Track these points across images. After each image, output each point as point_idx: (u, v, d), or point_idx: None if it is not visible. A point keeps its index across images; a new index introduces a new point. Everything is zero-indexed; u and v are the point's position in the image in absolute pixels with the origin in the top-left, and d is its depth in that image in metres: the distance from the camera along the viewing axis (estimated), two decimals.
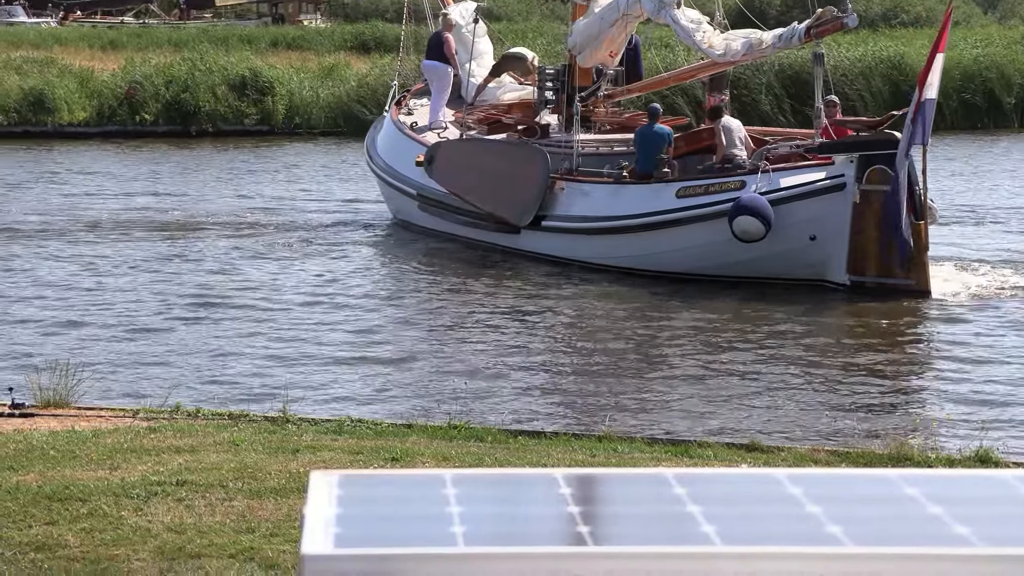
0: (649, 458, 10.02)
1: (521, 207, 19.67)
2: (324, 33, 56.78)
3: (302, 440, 10.27)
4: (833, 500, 3.44)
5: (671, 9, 19.72)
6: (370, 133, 25.13)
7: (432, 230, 21.82)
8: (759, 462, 9.93)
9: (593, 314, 16.81)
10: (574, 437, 10.77)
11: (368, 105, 39.58)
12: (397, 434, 10.71)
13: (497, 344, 15.18)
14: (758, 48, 18.98)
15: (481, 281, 18.57)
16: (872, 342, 15.45)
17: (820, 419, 12.14)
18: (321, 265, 19.79)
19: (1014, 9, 71.38)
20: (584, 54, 21.62)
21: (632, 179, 19.00)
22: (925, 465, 9.62)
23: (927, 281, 16.88)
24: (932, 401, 12.50)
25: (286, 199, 26.65)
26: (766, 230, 17.02)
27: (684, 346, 15.02)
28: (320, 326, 15.97)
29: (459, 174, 20.70)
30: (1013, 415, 12.23)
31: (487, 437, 10.62)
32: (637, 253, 18.55)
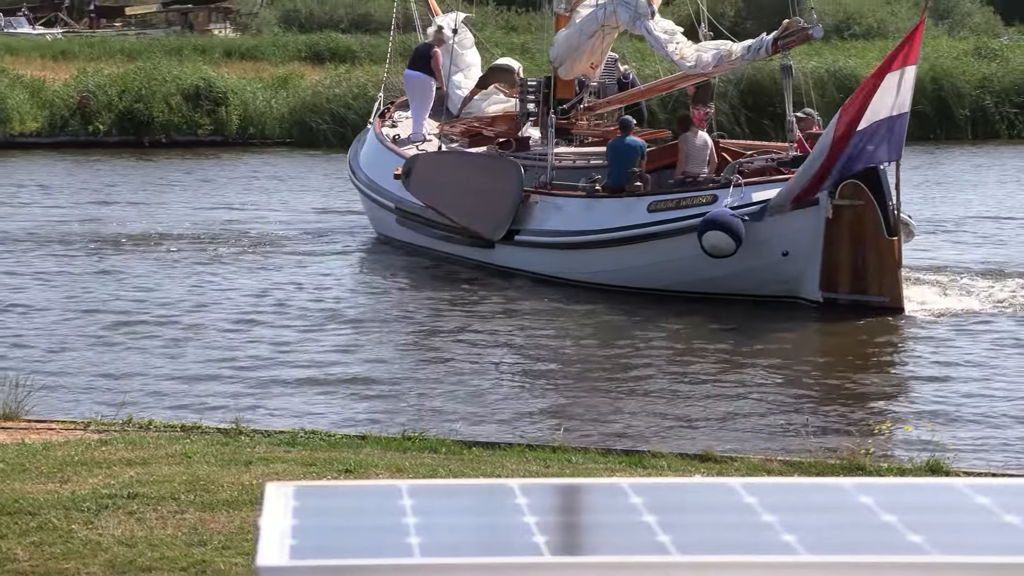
0: (603, 468, 10.03)
1: (494, 221, 19.51)
2: (278, 43, 56.62)
3: (255, 452, 10.21)
4: (788, 509, 3.45)
5: (645, 20, 19.78)
6: (353, 146, 24.98)
7: (410, 244, 21.62)
8: (713, 472, 9.96)
9: (555, 328, 16.67)
10: (528, 448, 10.77)
11: (323, 115, 39.53)
12: (351, 446, 10.68)
13: (454, 357, 15.15)
14: (727, 60, 18.95)
15: (445, 295, 18.46)
16: (833, 356, 15.51)
17: (774, 430, 12.19)
18: (278, 277, 19.69)
19: (963, 21, 72.10)
20: (565, 66, 21.59)
21: (604, 193, 18.83)
22: (877, 474, 9.67)
23: (900, 297, 16.73)
24: (887, 413, 12.57)
25: (242, 210, 26.55)
26: (736, 245, 16.77)
27: (645, 359, 15.00)
28: (274, 338, 15.89)
29: (435, 187, 20.53)
30: (965, 427, 12.32)
31: (441, 448, 10.60)
32: (608, 268, 18.34)
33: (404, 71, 24.27)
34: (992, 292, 17.94)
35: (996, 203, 27.29)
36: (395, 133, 23.48)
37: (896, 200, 16.76)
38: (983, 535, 3.33)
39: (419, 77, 23.41)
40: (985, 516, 3.40)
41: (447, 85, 23.58)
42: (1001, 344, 15.32)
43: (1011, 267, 19.95)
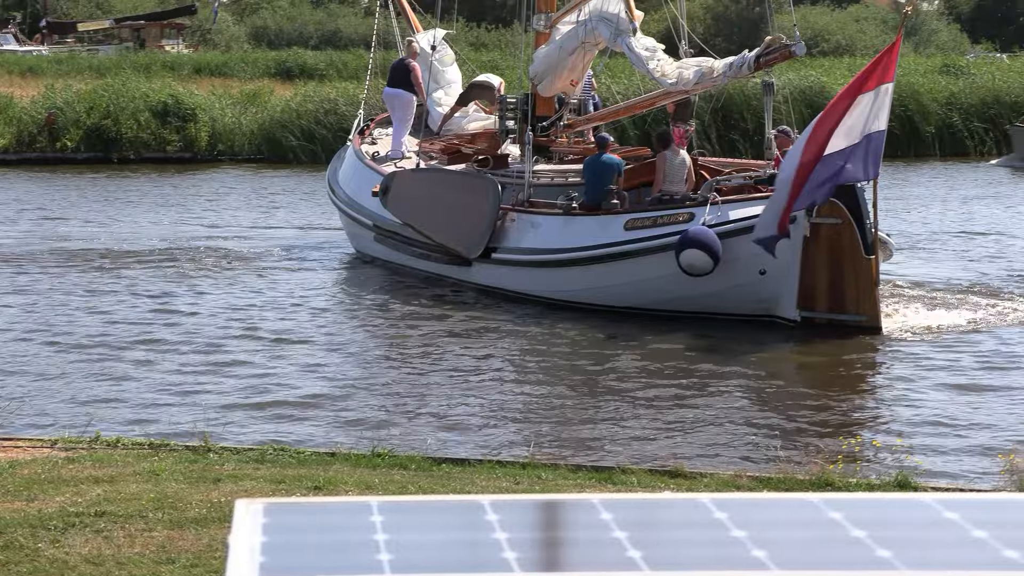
0: (573, 484, 10.02)
1: (471, 239, 19.33)
2: (247, 59, 56.61)
3: (224, 469, 10.17)
4: (757, 524, 3.45)
5: (627, 37, 19.72)
6: (332, 163, 24.81)
7: (388, 262, 21.46)
8: (683, 487, 9.96)
9: (527, 345, 16.55)
10: (498, 464, 10.75)
11: (293, 131, 39.49)
12: (320, 462, 10.64)
13: (425, 373, 15.12)
14: (709, 77, 18.78)
15: (419, 312, 18.35)
16: (806, 374, 15.49)
17: (744, 446, 12.20)
18: (249, 294, 19.62)
19: (931, 38, 72.57)
20: (545, 83, 21.53)
21: (581, 210, 18.57)
22: (846, 490, 9.69)
23: (878, 317, 16.58)
24: (857, 430, 12.58)
25: (213, 227, 26.48)
26: (713, 264, 16.61)
27: (617, 376, 14.95)
28: (244, 355, 15.83)
29: (412, 205, 20.39)
30: (935, 443, 12.34)
31: (411, 465, 10.58)
32: (585, 286, 18.10)
33: (384, 89, 24.10)
34: (966, 309, 17.95)
35: (965, 219, 27.45)
36: (374, 150, 23.37)
37: (874, 219, 16.63)
38: (952, 550, 3.33)
39: (399, 94, 23.30)
40: (954, 531, 3.41)
41: (428, 102, 23.43)
42: (974, 362, 15.30)
43: (983, 283, 20.05)
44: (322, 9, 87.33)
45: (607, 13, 20.25)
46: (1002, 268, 21.47)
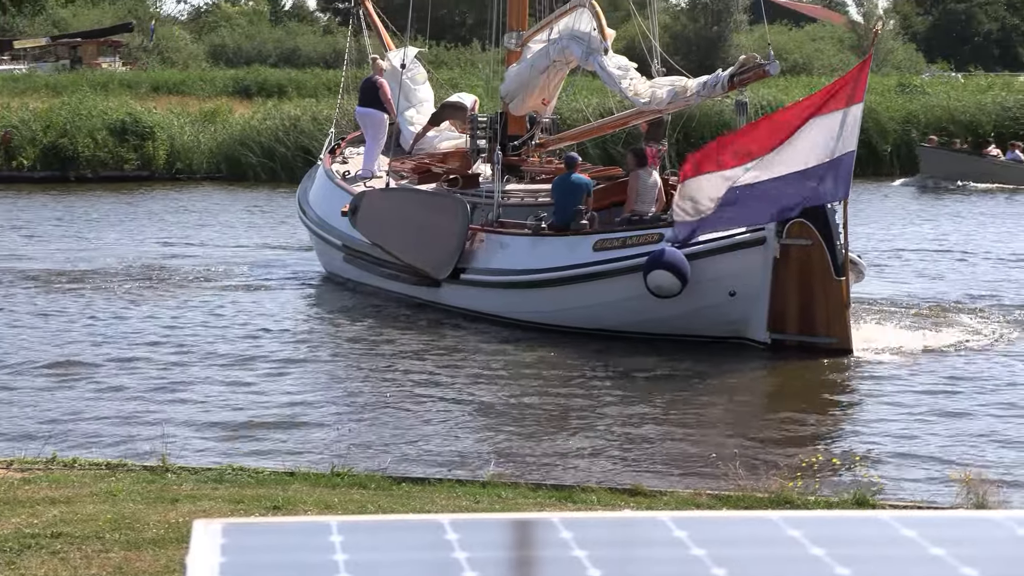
0: (533, 503, 10.02)
1: (439, 259, 19.11)
2: (206, 78, 56.50)
3: (182, 489, 10.11)
4: (717, 542, 3.46)
5: (598, 56, 19.56)
6: (303, 183, 24.57)
7: (357, 283, 21.26)
8: (642, 506, 9.97)
9: (491, 366, 16.44)
10: (458, 483, 10.74)
11: (252, 149, 39.42)
12: (279, 482, 10.60)
13: (386, 393, 15.07)
14: (683, 96, 18.63)
15: (382, 332, 18.21)
16: (770, 395, 15.46)
17: (704, 464, 12.21)
18: (207, 313, 19.53)
19: (887, 58, 73.12)
20: (516, 101, 21.40)
21: (550, 231, 18.41)
22: (805, 508, 9.72)
23: (849, 339, 16.44)
24: (817, 448, 12.60)
25: (172, 246, 26.38)
26: (682, 285, 16.43)
27: (580, 397, 14.91)
28: (202, 374, 15.76)
29: (381, 225, 20.15)
30: (894, 462, 12.39)
31: (371, 484, 10.54)
32: (553, 308, 17.90)
33: (355, 109, 23.94)
34: (934, 328, 17.91)
35: (925, 237, 27.64)
36: (345, 169, 23.13)
37: (844, 240, 16.46)
38: (910, 567, 3.35)
39: (370, 113, 23.10)
40: (912, 548, 3.43)
41: (400, 121, 23.28)
42: (938, 383, 15.24)
43: (949, 301, 20.08)
44: (280, 27, 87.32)
45: (578, 32, 20.15)
46: (965, 285, 21.58)
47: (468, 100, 23.72)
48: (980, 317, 18.87)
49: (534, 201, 20.10)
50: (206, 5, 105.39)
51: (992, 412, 14.04)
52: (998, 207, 33.38)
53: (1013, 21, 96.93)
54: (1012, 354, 16.78)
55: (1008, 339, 17.53)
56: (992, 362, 16.30)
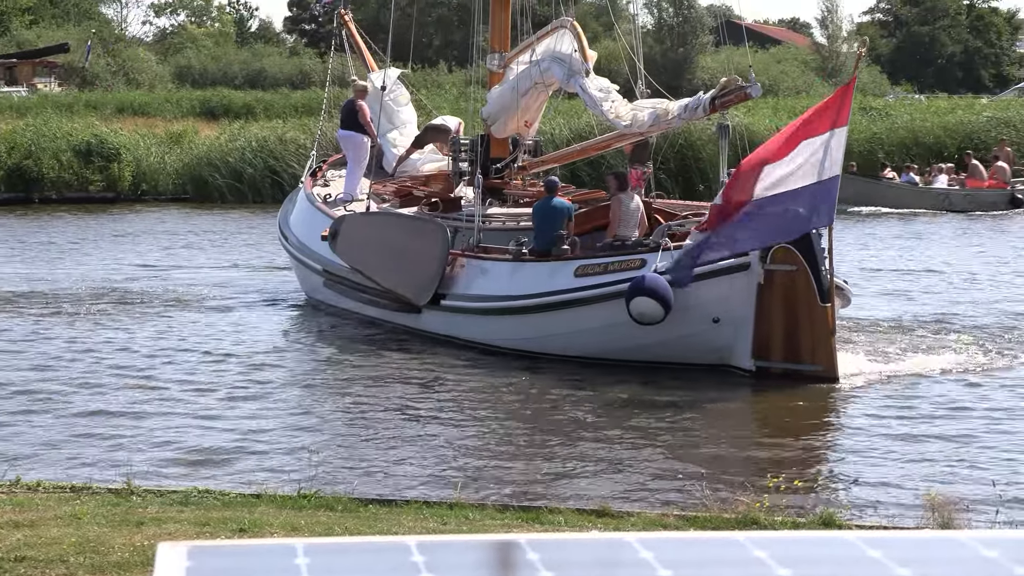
0: (500, 524, 10.00)
1: (420, 285, 18.76)
2: (171, 99, 56.44)
3: (147, 512, 10.05)
4: (683, 564, 3.46)
5: (580, 78, 19.35)
6: (284, 206, 24.21)
7: (338, 309, 20.90)
8: (609, 527, 9.97)
9: (460, 389, 16.25)
10: (425, 505, 10.72)
11: (220, 170, 39.36)
12: (245, 504, 10.55)
13: (354, 415, 15.00)
14: (664, 119, 18.36)
15: (355, 359, 17.96)
16: (736, 417, 15.30)
17: (671, 486, 12.21)
18: (173, 334, 19.44)
19: None
20: (499, 124, 21.17)
21: (531, 256, 18.03)
22: (771, 528, 9.74)
23: (834, 366, 16.08)
24: (786, 471, 12.55)
25: (138, 267, 26.27)
26: (665, 312, 16.11)
27: (547, 418, 14.84)
28: (167, 396, 15.67)
29: (362, 250, 19.72)
30: (861, 485, 12.40)
31: (337, 506, 10.51)
32: (535, 334, 17.54)
33: (337, 132, 23.73)
34: (917, 352, 17.74)
35: (895, 259, 27.76)
36: (326, 192, 22.81)
37: (829, 265, 16.11)
38: None
39: (351, 136, 22.86)
40: (877, 569, 3.44)
41: (382, 143, 23.04)
42: (915, 408, 15.08)
43: (923, 323, 20.02)
44: (247, 48, 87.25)
45: (560, 53, 19.94)
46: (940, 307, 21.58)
47: (452, 123, 23.52)
48: (943, 338, 18.92)
49: (516, 225, 19.78)
50: (172, 26, 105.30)
51: (960, 435, 14.07)
52: (891, 230, 33.28)
53: (976, 44, 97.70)
54: (984, 378, 16.69)
55: (983, 363, 17.39)
56: (962, 386, 16.16)
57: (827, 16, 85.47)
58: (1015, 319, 20.52)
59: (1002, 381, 16.42)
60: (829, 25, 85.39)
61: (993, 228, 33.63)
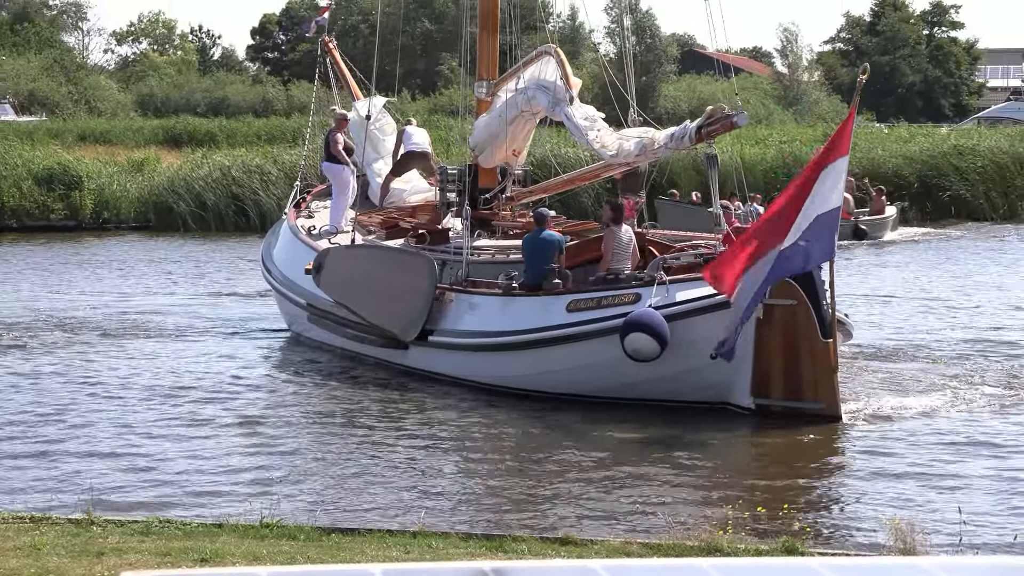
0: (464, 553, 9.98)
1: (406, 320, 18.16)
2: (133, 127, 56.31)
3: (107, 542, 9.98)
4: None
5: (565, 106, 18.94)
6: (267, 238, 23.68)
7: (323, 344, 20.21)
8: (573, 555, 9.96)
9: (430, 421, 15.89)
10: (388, 533, 10.67)
11: (184, 198, 39.23)
12: (207, 534, 10.49)
13: (319, 445, 14.88)
14: (651, 149, 17.81)
15: (327, 389, 17.73)
16: (705, 447, 14.75)
17: (636, 514, 12.19)
18: (140, 363, 19.30)
19: (811, 108, 74.08)
20: (486, 153, 20.69)
21: (521, 290, 17.38)
22: (734, 555, 9.74)
23: (837, 404, 15.51)
24: (752, 500, 12.54)
25: (102, 295, 26.10)
26: (661, 348, 15.56)
27: (513, 447, 14.74)
28: (130, 425, 15.55)
29: (347, 283, 19.10)
30: (828, 512, 12.42)
31: (300, 535, 10.46)
32: (526, 371, 16.92)
33: (321, 163, 23.25)
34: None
35: (857, 286, 27.86)
36: (310, 224, 22.29)
37: (831, 299, 15.56)
38: None
39: (330, 167, 22.42)
40: None
41: (368, 173, 22.57)
42: (884, 438, 14.93)
43: (900, 350, 19.76)
44: (209, 77, 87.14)
45: (544, 81, 19.46)
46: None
47: (421, 138, 22.88)
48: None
49: (505, 258, 19.11)
50: (134, 55, 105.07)
51: (924, 463, 14.12)
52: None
53: (935, 74, 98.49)
54: (948, 410, 16.52)
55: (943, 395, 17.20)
56: (928, 418, 15.93)
57: (787, 46, 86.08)
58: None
59: (965, 413, 16.32)
60: (789, 55, 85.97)
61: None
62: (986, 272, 30.37)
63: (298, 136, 48.24)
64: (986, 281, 28.75)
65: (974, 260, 32.94)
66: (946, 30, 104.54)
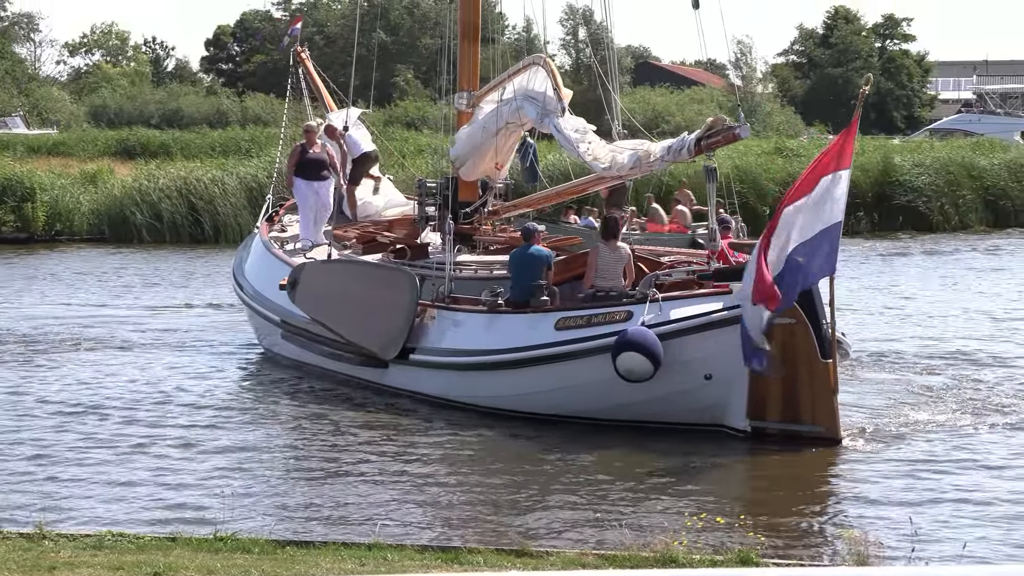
0: (419, 565, 9.96)
1: (386, 338, 17.52)
2: (87, 139, 56.04)
3: (59, 557, 9.90)
4: None
5: (555, 117, 18.31)
6: (238, 252, 22.98)
7: (298, 362, 19.55)
8: (529, 567, 9.95)
9: (392, 436, 15.62)
10: (343, 546, 10.63)
11: (140, 209, 39.02)
12: (160, 547, 10.42)
13: (276, 458, 14.79)
14: (646, 161, 17.15)
15: (288, 403, 17.44)
16: (663, 460, 14.58)
17: (591, 525, 12.18)
18: (92, 376, 19.12)
19: (766, 120, 74.41)
20: (467, 166, 20.20)
21: (507, 307, 16.77)
22: (689, 566, 9.76)
23: (836, 427, 14.96)
24: (707, 511, 12.54)
25: (54, 306, 25.91)
26: (654, 368, 14.98)
27: (471, 461, 14.63)
28: (85, 439, 15.41)
29: (323, 300, 18.42)
30: (781, 524, 12.43)
31: (254, 548, 10.41)
32: (512, 392, 16.31)
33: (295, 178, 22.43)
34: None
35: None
36: (283, 239, 21.76)
37: (831, 318, 14.99)
38: None
39: (296, 181, 21.53)
40: None
41: (342, 186, 21.86)
42: (841, 452, 14.85)
43: (868, 362, 19.74)
44: (163, 88, 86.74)
45: (533, 91, 18.86)
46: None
47: (361, 137, 22.48)
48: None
49: (489, 274, 18.52)
50: (87, 66, 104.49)
51: (880, 476, 14.18)
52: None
53: (888, 86, 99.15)
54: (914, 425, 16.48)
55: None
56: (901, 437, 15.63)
57: (741, 58, 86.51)
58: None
59: (929, 430, 16.11)
60: (743, 67, 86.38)
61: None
62: (929, 283, 30.59)
63: (252, 148, 48.07)
64: (936, 293, 28.96)
65: (917, 270, 33.19)
66: (898, 43, 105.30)
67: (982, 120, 72.93)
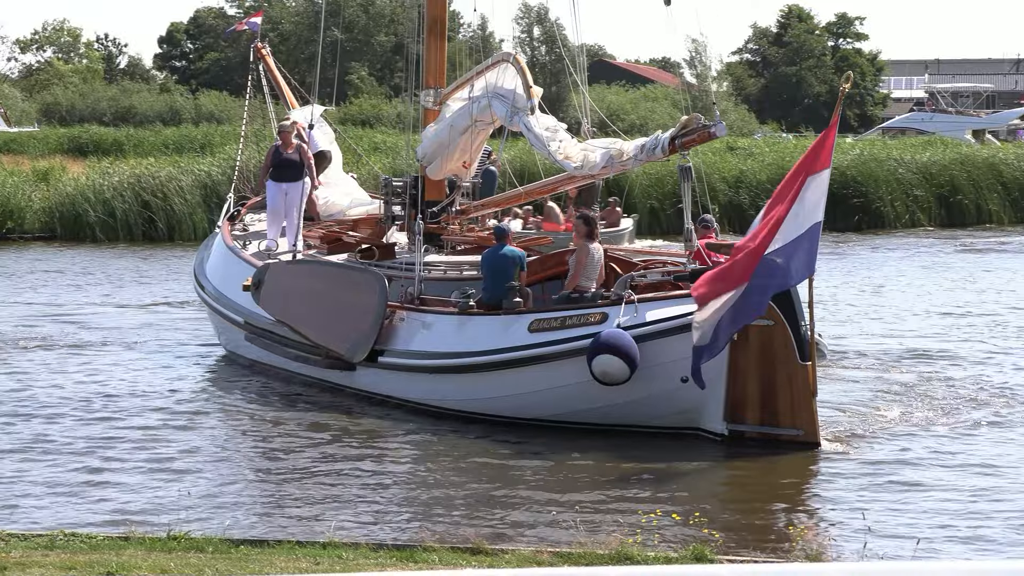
0: (374, 564, 9.94)
1: (354, 340, 17.21)
2: (38, 136, 55.67)
3: (9, 557, 9.82)
4: None
5: (524, 116, 18.07)
6: (199, 252, 22.48)
7: (262, 364, 19.24)
8: (484, 564, 9.95)
9: (348, 433, 15.57)
10: (298, 545, 10.61)
11: (93, 207, 38.75)
12: (113, 547, 10.36)
13: (231, 457, 14.72)
14: (619, 160, 16.85)
15: (248, 403, 17.26)
16: (625, 459, 14.47)
17: (547, 524, 12.19)
18: (44, 375, 18.98)
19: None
20: (434, 164, 19.95)
21: (479, 309, 16.52)
22: (644, 563, 9.79)
23: (816, 430, 14.77)
24: (662, 507, 12.57)
25: (14, 306, 25.67)
26: (630, 371, 14.80)
27: (426, 461, 14.60)
28: (36, 438, 15.31)
29: (289, 301, 18.06)
30: (736, 520, 12.49)
31: (208, 547, 10.36)
32: (484, 395, 16.07)
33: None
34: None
35: None
36: (246, 238, 21.41)
37: (810, 319, 14.79)
38: None
39: (267, 183, 21.13)
40: None
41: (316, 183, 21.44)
42: (801, 450, 14.78)
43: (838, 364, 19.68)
44: (115, 86, 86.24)
45: (502, 89, 18.65)
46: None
47: (322, 137, 22.10)
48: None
49: (458, 275, 18.32)
50: (38, 63, 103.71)
51: (834, 474, 14.25)
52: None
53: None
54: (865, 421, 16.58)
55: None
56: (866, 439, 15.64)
57: (696, 56, 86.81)
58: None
59: (890, 427, 16.15)
60: (698, 65, 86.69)
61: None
62: (895, 278, 30.81)
63: (207, 146, 47.83)
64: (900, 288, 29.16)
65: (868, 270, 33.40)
66: (851, 41, 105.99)
67: (934, 119, 73.48)
